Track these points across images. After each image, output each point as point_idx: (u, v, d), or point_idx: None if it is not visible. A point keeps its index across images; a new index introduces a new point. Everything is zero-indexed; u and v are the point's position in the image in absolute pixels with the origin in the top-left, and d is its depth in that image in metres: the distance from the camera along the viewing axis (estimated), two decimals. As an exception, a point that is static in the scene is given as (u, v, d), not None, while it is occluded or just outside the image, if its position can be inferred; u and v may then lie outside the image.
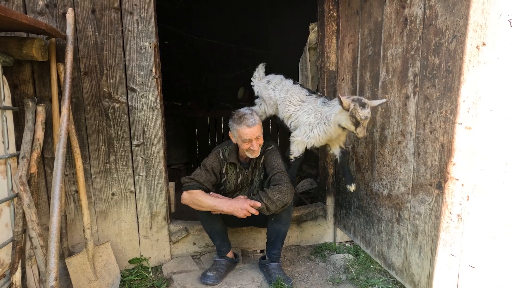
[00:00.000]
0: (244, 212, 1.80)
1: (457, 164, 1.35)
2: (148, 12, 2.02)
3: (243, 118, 1.94)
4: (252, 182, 2.20)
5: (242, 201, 1.85)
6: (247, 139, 1.92)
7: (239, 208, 1.81)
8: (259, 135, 1.95)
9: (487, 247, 1.24)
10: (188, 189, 1.96)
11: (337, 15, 2.40)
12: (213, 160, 2.09)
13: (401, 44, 1.69)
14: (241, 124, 1.92)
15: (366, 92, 2.04)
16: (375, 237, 2.04)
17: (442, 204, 1.45)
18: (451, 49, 1.36)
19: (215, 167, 2.08)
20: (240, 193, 2.21)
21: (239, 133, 1.93)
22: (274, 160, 2.05)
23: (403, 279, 1.78)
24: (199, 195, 1.93)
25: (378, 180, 1.97)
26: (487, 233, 1.23)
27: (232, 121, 1.98)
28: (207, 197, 1.93)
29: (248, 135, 1.92)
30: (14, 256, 1.71)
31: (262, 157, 2.13)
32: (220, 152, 2.13)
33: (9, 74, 1.85)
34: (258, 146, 1.97)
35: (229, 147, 2.13)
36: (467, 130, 1.30)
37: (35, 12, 1.88)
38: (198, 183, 1.98)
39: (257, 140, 1.96)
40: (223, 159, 2.12)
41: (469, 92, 1.28)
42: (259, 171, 2.18)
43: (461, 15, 1.29)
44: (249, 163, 2.15)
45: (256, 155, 2.01)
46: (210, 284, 2.01)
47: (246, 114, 1.96)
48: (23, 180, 1.72)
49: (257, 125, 1.94)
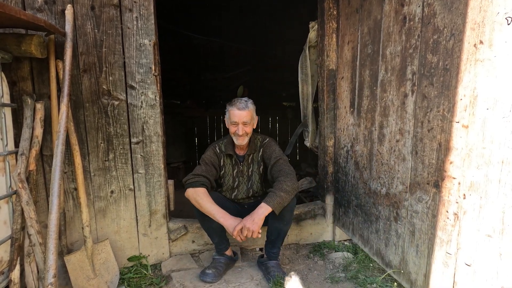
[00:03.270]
0: (234, 234, 1.81)
1: (454, 163, 1.36)
2: (147, 9, 2.02)
3: (236, 101, 2.05)
4: (250, 178, 2.22)
5: (238, 222, 1.84)
6: (234, 121, 2.01)
7: (231, 227, 1.82)
8: (246, 121, 2.01)
9: (483, 245, 1.24)
10: (191, 186, 1.99)
11: (337, 13, 2.39)
12: (210, 154, 2.15)
13: (400, 42, 1.69)
14: (232, 105, 2.05)
15: (365, 91, 2.04)
16: (373, 235, 2.04)
17: (439, 203, 1.46)
18: (449, 48, 1.36)
19: (213, 160, 2.14)
20: (238, 190, 2.24)
21: (229, 114, 2.05)
22: (272, 149, 2.14)
23: (400, 277, 1.79)
24: (202, 195, 1.95)
25: (376, 178, 1.97)
26: (483, 232, 1.24)
27: (228, 104, 2.11)
28: (208, 202, 1.92)
29: (236, 117, 2.00)
30: (12, 253, 1.71)
31: (261, 151, 2.18)
32: (217, 146, 2.19)
33: (8, 71, 1.85)
34: (244, 132, 2.02)
35: (224, 141, 2.19)
36: (464, 128, 1.30)
37: (34, 9, 1.88)
38: (202, 177, 2.02)
39: (244, 126, 2.02)
40: (220, 152, 2.18)
41: (466, 91, 1.28)
42: (258, 165, 2.20)
43: (459, 13, 1.29)
44: (244, 157, 2.18)
45: (242, 142, 2.06)
46: (209, 282, 2.02)
47: (241, 99, 2.05)
48: (21, 177, 1.73)
49: (247, 110, 2.01)
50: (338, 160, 2.50)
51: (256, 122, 2.15)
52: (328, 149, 2.58)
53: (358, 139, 2.16)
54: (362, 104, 2.10)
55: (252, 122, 2.08)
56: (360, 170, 2.16)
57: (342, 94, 2.38)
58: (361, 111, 2.11)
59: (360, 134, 2.13)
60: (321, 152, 2.68)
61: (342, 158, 2.43)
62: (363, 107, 2.08)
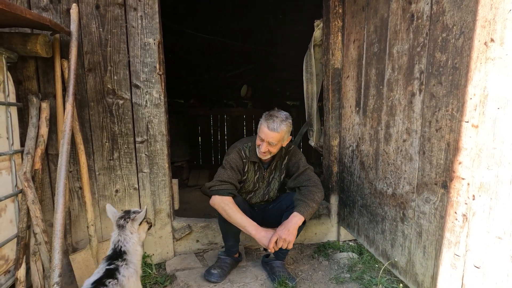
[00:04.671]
0: (270, 247, 1.79)
1: (463, 163, 1.33)
2: (152, 8, 2.02)
3: (271, 117, 1.87)
4: (269, 184, 2.18)
5: (271, 233, 1.83)
6: (261, 137, 1.91)
7: (265, 239, 1.81)
8: (273, 142, 1.87)
9: (493, 247, 1.22)
10: (218, 194, 1.91)
11: (342, 12, 2.37)
12: (236, 158, 2.02)
13: (407, 40, 1.67)
14: (265, 121, 1.89)
15: (371, 90, 2.02)
16: (378, 236, 2.02)
17: (447, 204, 1.43)
18: (458, 46, 1.33)
19: (239, 165, 2.02)
20: (255, 194, 2.20)
21: (260, 127, 1.93)
22: (298, 158, 2.11)
23: (406, 278, 1.77)
24: (230, 205, 1.89)
25: (382, 178, 1.95)
26: (493, 234, 1.21)
27: (264, 114, 1.95)
28: (238, 212, 1.88)
29: (263, 133, 1.88)
30: (18, 252, 1.72)
31: (286, 158, 2.13)
32: (242, 150, 2.05)
33: (14, 70, 1.85)
34: (267, 150, 1.91)
35: (249, 144, 2.07)
36: (474, 128, 1.27)
37: (39, 8, 1.88)
38: (229, 184, 1.93)
39: (269, 145, 1.90)
40: (245, 157, 2.05)
41: (476, 90, 1.25)
42: (280, 173, 2.16)
43: (469, 10, 1.27)
44: (270, 164, 2.12)
45: (263, 157, 1.99)
46: (214, 282, 2.01)
47: (277, 117, 1.87)
48: (27, 176, 1.73)
49: (276, 132, 1.85)
50: (343, 159, 2.47)
51: (287, 141, 1.99)
52: (333, 149, 2.56)
53: (364, 139, 2.14)
54: (368, 103, 2.07)
55: (280, 144, 1.94)
56: (365, 170, 2.14)
57: (347, 93, 2.36)
58: (367, 110, 2.09)
59: (366, 134, 2.11)
60: (325, 151, 2.66)
61: (347, 158, 2.41)
62: (369, 106, 2.06)
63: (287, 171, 2.16)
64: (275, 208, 2.18)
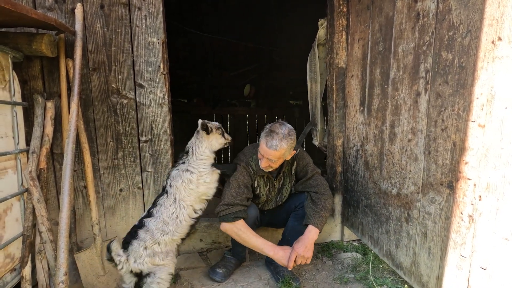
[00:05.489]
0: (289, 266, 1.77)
1: (470, 163, 1.32)
2: (156, 7, 2.02)
3: (271, 134, 1.77)
4: (280, 191, 2.15)
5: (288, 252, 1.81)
6: (260, 152, 1.84)
7: (283, 259, 1.80)
8: (272, 159, 1.80)
9: (499, 249, 1.21)
10: (226, 221, 1.84)
11: (347, 10, 2.36)
12: (244, 175, 1.92)
13: (412, 39, 1.65)
14: (264, 137, 1.79)
15: (376, 89, 2.01)
16: (383, 236, 2.01)
17: (453, 204, 1.42)
18: (465, 44, 1.32)
19: (247, 182, 1.93)
20: (266, 203, 2.16)
21: (260, 142, 1.85)
22: (306, 162, 2.08)
23: (411, 279, 1.76)
24: (243, 229, 1.84)
25: (387, 178, 1.94)
26: (500, 235, 1.20)
27: (264, 131, 1.85)
28: (252, 236, 1.85)
29: (262, 150, 1.81)
30: (24, 250, 1.73)
31: (294, 164, 2.08)
32: (249, 166, 1.96)
33: (19, 70, 1.87)
34: (268, 165, 1.85)
35: (254, 158, 1.97)
36: (481, 128, 1.26)
37: (44, 8, 1.89)
38: (237, 206, 1.85)
39: (269, 162, 1.83)
40: (253, 173, 1.96)
41: (483, 89, 1.24)
42: (290, 179, 2.13)
43: (476, 8, 1.25)
44: (278, 172, 2.06)
45: (265, 170, 1.91)
46: (218, 281, 2.02)
47: (277, 134, 1.76)
48: (33, 175, 1.74)
49: (274, 150, 1.75)
50: (347, 159, 2.46)
51: (291, 155, 1.91)
52: (337, 148, 2.55)
53: (368, 138, 2.13)
54: (372, 103, 2.06)
55: (282, 159, 1.86)
56: (370, 169, 2.13)
57: (351, 93, 2.35)
58: (371, 109, 2.08)
59: (370, 133, 2.10)
60: (329, 151, 2.65)
61: (351, 158, 2.40)
62: (374, 105, 2.04)
63: (296, 175, 2.14)
64: (283, 210, 2.18)
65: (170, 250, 1.72)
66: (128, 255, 1.61)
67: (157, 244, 1.65)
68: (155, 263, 1.64)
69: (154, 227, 1.66)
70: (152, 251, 1.63)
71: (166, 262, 1.67)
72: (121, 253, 1.60)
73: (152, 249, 1.63)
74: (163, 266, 1.66)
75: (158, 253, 1.64)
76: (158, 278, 1.64)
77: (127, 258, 1.60)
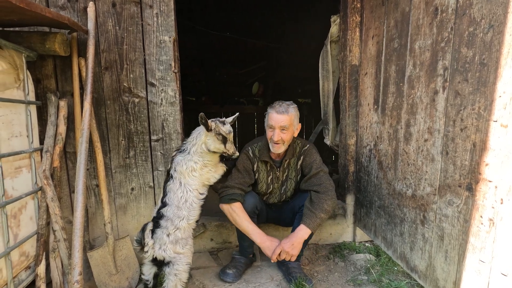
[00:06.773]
0: (272, 258, 1.81)
1: (490, 165, 1.26)
2: (167, 5, 2.01)
3: (276, 103, 1.92)
4: (283, 184, 2.13)
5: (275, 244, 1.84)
6: (271, 124, 1.89)
7: (268, 249, 1.83)
8: (284, 125, 1.86)
9: (522, 253, 1.16)
10: (224, 202, 1.92)
11: (361, 6, 2.30)
12: (243, 159, 2.01)
13: (430, 35, 1.60)
14: (272, 108, 1.91)
15: (391, 87, 1.95)
16: (397, 238, 1.96)
17: (472, 207, 1.37)
18: (487, 40, 1.26)
19: (246, 166, 2.01)
20: (270, 196, 2.15)
21: (268, 116, 1.94)
22: (313, 158, 2.03)
23: (426, 283, 1.71)
24: (238, 211, 1.90)
25: (401, 179, 1.89)
26: (523, 239, 1.15)
27: (268, 106, 1.97)
28: (245, 220, 1.89)
29: (273, 120, 1.87)
30: (38, 249, 1.75)
31: (301, 158, 2.06)
32: (250, 150, 2.04)
33: (33, 69, 1.89)
34: (280, 139, 1.88)
35: (259, 144, 2.05)
36: (503, 128, 1.20)
37: (57, 7, 1.90)
38: (235, 189, 1.93)
39: (282, 132, 1.87)
40: (253, 157, 2.03)
41: (507, 87, 1.18)
42: (296, 173, 2.10)
43: (500, 2, 1.19)
44: (281, 162, 2.06)
45: (277, 150, 1.94)
46: (229, 282, 2.00)
47: (283, 102, 1.91)
48: (46, 174, 1.76)
49: (286, 114, 1.86)
50: (360, 159, 2.42)
51: (298, 130, 1.99)
52: (350, 148, 2.50)
53: (382, 138, 2.08)
54: (387, 101, 2.01)
55: (292, 128, 1.91)
56: (384, 170, 2.08)
57: (365, 91, 2.29)
58: (385, 108, 2.03)
59: (385, 133, 2.05)
60: (342, 150, 2.60)
61: (364, 157, 2.35)
62: (388, 104, 1.99)
63: (301, 170, 2.11)
64: (288, 208, 2.15)
65: (188, 236, 1.78)
66: (154, 242, 1.69)
67: (178, 230, 1.72)
68: (176, 251, 1.71)
69: (171, 214, 1.73)
70: (175, 237, 1.71)
71: (185, 250, 1.75)
72: (150, 238, 1.69)
73: (174, 235, 1.71)
74: (183, 256, 1.73)
75: (179, 239, 1.72)
76: (175, 270, 1.70)
77: (153, 245, 1.68)
